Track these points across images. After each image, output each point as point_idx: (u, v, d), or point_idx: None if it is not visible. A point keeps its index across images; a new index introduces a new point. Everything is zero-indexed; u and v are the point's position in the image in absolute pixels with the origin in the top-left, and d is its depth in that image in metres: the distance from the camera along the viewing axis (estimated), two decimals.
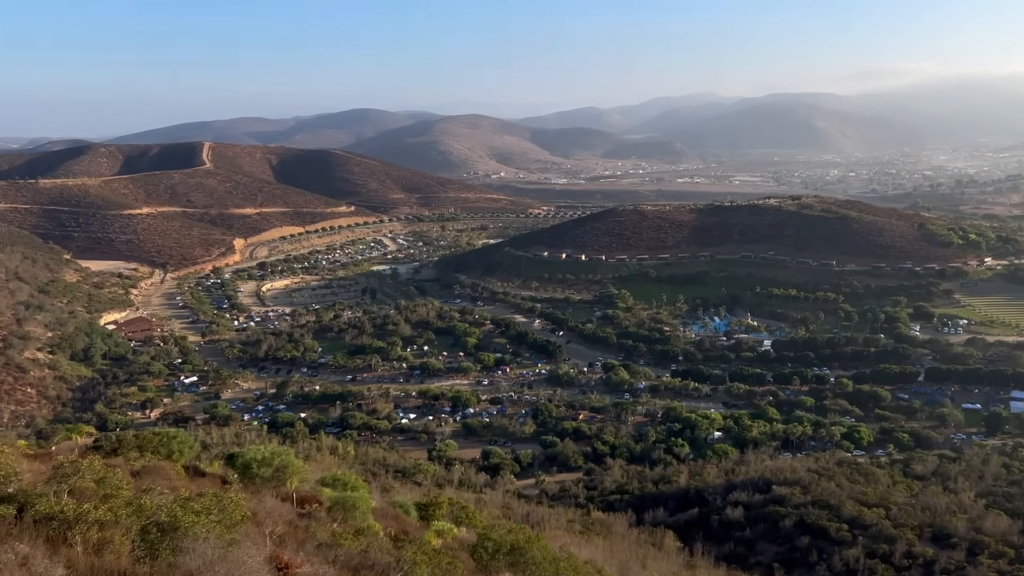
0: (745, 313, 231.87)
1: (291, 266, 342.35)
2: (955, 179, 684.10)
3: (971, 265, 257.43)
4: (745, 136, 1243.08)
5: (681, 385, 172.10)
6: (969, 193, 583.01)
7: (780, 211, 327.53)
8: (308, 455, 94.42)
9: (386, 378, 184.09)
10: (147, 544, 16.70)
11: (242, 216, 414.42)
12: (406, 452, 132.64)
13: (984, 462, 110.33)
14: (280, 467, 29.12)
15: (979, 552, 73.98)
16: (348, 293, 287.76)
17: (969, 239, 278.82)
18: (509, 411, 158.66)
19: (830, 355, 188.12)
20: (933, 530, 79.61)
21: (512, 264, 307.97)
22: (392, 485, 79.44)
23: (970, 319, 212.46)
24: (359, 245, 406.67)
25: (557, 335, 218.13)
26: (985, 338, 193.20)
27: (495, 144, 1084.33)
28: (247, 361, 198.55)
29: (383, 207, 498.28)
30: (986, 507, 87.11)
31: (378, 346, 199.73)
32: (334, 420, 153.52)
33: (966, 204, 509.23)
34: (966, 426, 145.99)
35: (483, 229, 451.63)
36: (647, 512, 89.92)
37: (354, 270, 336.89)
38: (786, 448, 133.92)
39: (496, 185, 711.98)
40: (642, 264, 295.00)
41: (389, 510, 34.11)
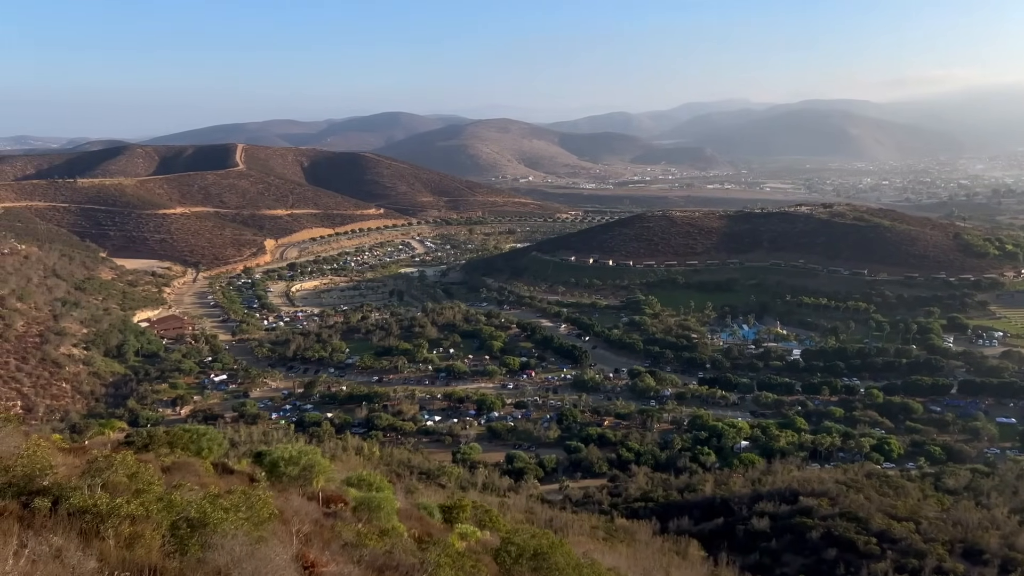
0: (774, 321, 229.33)
1: (320, 267, 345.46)
2: (992, 188, 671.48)
3: (1007, 276, 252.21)
4: (777, 143, 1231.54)
5: (708, 393, 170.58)
6: (1006, 203, 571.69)
7: (811, 219, 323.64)
8: (334, 455, 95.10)
9: (412, 380, 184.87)
10: (177, 539, 16.97)
11: (273, 217, 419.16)
12: (431, 454, 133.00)
13: (1019, 477, 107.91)
14: (307, 466, 29.45)
15: (1012, 569, 72.35)
16: (376, 295, 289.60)
17: (1006, 250, 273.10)
18: (534, 415, 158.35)
19: (860, 365, 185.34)
20: (964, 546, 78.01)
21: (539, 268, 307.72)
22: (416, 487, 79.72)
23: (1006, 331, 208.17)
24: (387, 247, 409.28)
25: (583, 340, 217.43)
26: (1021, 351, 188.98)
27: (524, 148, 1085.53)
28: (276, 360, 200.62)
29: (412, 210, 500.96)
30: (1020, 524, 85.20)
31: (404, 348, 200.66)
32: (360, 421, 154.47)
33: (1003, 214, 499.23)
34: (1000, 440, 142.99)
35: (510, 233, 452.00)
36: (671, 520, 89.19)
37: (382, 272, 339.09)
38: (814, 459, 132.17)
39: (524, 189, 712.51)
40: (670, 270, 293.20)
41: (413, 511, 34.29)
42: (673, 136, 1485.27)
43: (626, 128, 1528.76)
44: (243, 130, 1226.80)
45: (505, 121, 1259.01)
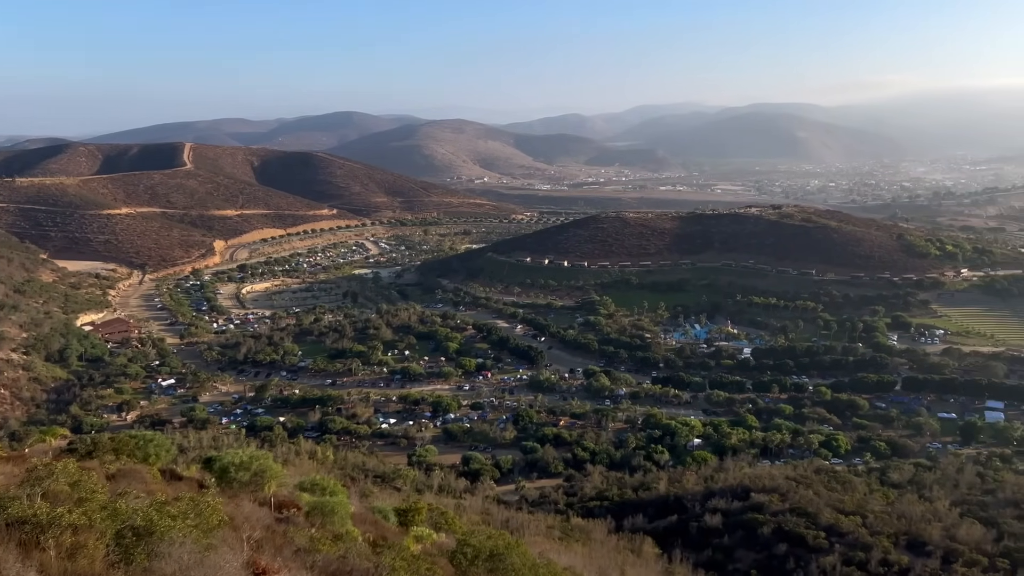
0: (725, 321, 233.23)
1: (272, 269, 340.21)
2: (933, 191, 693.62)
3: (948, 276, 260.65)
4: (727, 145, 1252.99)
5: (661, 392, 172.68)
6: (947, 205, 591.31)
7: (761, 220, 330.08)
8: (287, 459, 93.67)
9: (366, 382, 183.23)
10: (122, 548, 16.49)
11: (223, 218, 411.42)
12: (386, 457, 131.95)
13: (959, 471, 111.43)
14: (258, 471, 28.88)
15: (954, 560, 74.67)
16: (329, 296, 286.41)
17: (946, 250, 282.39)
18: (490, 416, 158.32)
19: (809, 363, 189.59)
20: (908, 538, 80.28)
21: (495, 269, 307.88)
22: (371, 490, 78.98)
23: (946, 329, 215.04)
24: (341, 248, 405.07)
25: (539, 341, 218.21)
26: (961, 348, 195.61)
27: (479, 149, 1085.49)
28: (226, 364, 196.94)
29: (365, 210, 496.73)
30: (961, 516, 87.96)
31: (359, 350, 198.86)
32: (313, 424, 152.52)
33: (943, 216, 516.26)
34: (942, 435, 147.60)
35: (466, 234, 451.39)
36: (626, 519, 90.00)
37: (335, 273, 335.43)
38: (765, 456, 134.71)
39: (479, 190, 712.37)
40: (624, 271, 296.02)
41: (368, 515, 33.92)
42: (626, 138, 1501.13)
43: (580, 130, 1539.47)
44: (191, 129, 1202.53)
45: (460, 122, 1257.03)
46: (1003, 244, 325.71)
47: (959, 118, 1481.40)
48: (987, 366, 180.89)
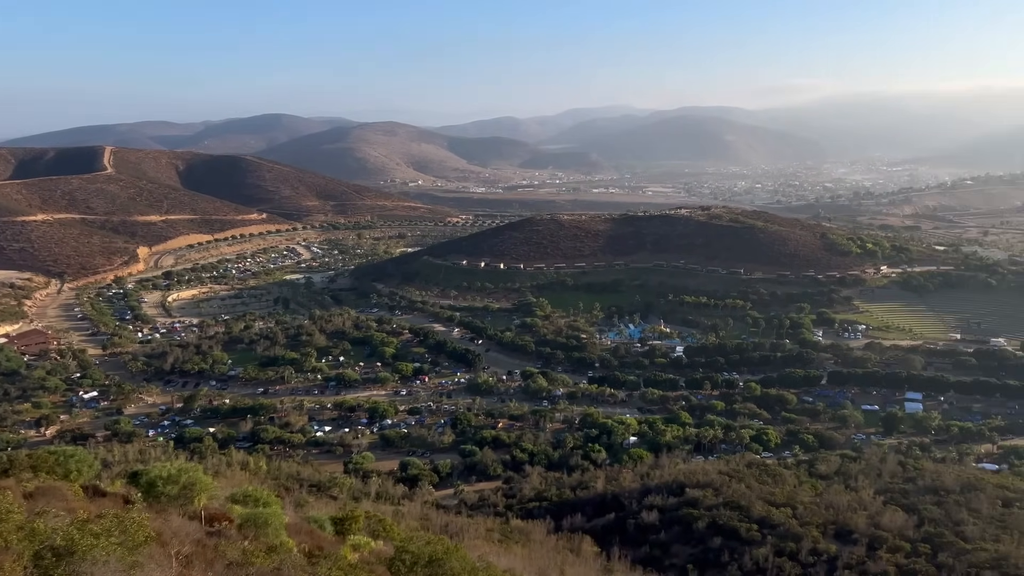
0: (658, 320, 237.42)
1: (199, 275, 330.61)
2: (853, 191, 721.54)
3: (868, 273, 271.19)
4: (658, 148, 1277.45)
5: (598, 391, 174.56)
6: (866, 204, 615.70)
7: (691, 221, 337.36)
8: (218, 471, 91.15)
9: (300, 390, 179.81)
10: (41, 570, 15.72)
11: (146, 224, 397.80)
12: (321, 465, 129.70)
13: (882, 461, 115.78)
14: (187, 484, 27.94)
15: (878, 547, 77.56)
16: (260, 303, 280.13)
17: (867, 248, 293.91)
18: (428, 421, 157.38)
19: (739, 360, 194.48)
20: (836, 527, 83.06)
21: (430, 273, 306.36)
22: (307, 500, 77.39)
23: (868, 324, 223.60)
24: (271, 254, 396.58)
25: (476, 344, 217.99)
26: (882, 343, 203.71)
27: (412, 152, 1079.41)
28: (152, 375, 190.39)
29: (297, 214, 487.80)
30: (884, 504, 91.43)
31: (291, 357, 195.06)
32: (245, 434, 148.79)
33: (863, 215, 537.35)
34: (865, 426, 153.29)
35: (401, 237, 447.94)
36: (565, 518, 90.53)
37: (266, 279, 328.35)
38: (698, 451, 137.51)
39: (414, 193, 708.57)
40: (559, 273, 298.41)
41: (303, 525, 33.20)
42: (560, 141, 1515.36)
43: (514, 133, 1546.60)
44: (112, 132, 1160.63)
45: (393, 124, 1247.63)
46: (919, 242, 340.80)
47: (876, 121, 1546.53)
48: (906, 359, 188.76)
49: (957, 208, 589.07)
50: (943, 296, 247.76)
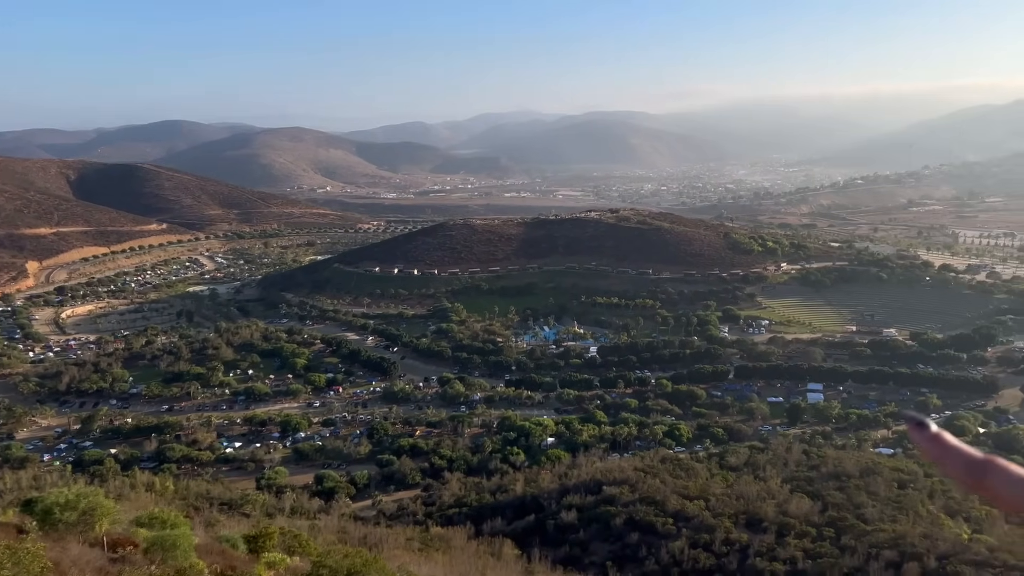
0: (572, 321, 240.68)
1: (95, 290, 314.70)
2: (753, 192, 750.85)
3: (770, 270, 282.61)
4: (567, 152, 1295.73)
5: (515, 394, 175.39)
6: (766, 204, 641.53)
7: (601, 224, 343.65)
8: (121, 494, 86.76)
9: (207, 406, 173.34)
10: None
11: (35, 237, 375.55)
12: (232, 483, 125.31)
13: (788, 450, 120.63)
14: (87, 510, 26.49)
15: (787, 533, 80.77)
16: (162, 317, 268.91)
17: (767, 246, 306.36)
18: (343, 432, 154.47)
19: (650, 358, 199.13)
20: (747, 516, 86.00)
21: (342, 280, 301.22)
22: (218, 519, 74.63)
23: (771, 320, 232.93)
24: (173, 265, 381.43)
25: (391, 351, 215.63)
26: (784, 337, 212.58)
27: (320, 158, 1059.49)
28: (46, 396, 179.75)
29: (199, 224, 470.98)
30: (791, 491, 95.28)
31: (197, 372, 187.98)
32: (150, 454, 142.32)
33: (763, 214, 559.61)
34: (771, 418, 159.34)
35: (310, 245, 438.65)
36: (486, 523, 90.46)
37: (168, 292, 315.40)
38: (614, 449, 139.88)
39: (322, 200, 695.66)
40: (474, 277, 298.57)
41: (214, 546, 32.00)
42: (470, 146, 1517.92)
43: (424, 138, 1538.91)
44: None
45: (298, 130, 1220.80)
46: (815, 239, 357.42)
47: (773, 124, 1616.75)
48: (807, 352, 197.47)
49: (849, 206, 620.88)
50: (839, 290, 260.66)
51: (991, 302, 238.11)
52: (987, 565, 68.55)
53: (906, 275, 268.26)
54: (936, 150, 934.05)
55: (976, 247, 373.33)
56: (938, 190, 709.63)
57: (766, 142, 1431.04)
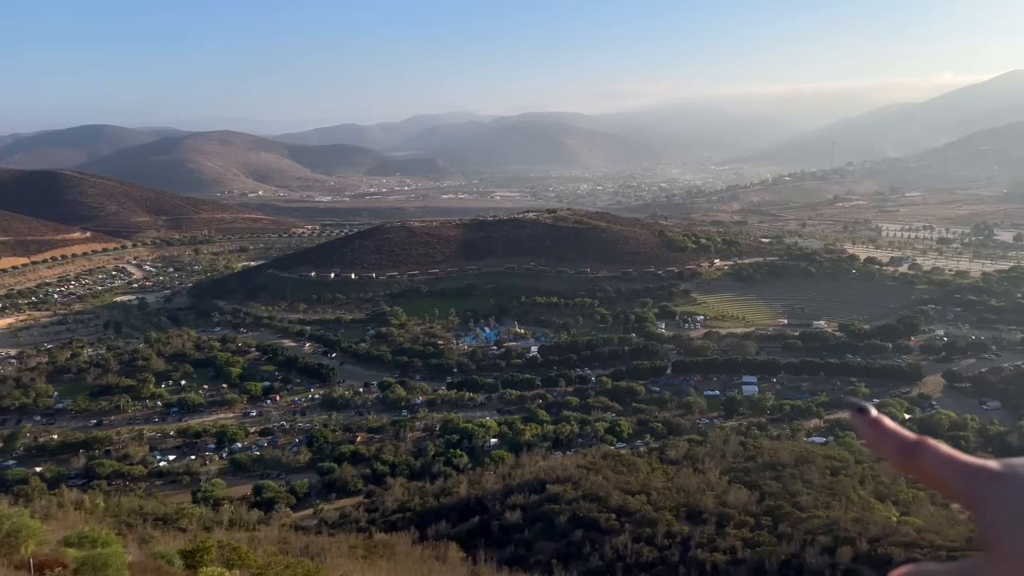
0: (513, 322, 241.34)
1: (15, 302, 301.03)
2: (686, 190, 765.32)
3: (704, 267, 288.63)
4: (503, 153, 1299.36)
5: (457, 397, 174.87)
6: (698, 202, 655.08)
7: (538, 224, 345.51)
8: (48, 513, 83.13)
9: (139, 419, 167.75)
10: None
11: None
12: (167, 497, 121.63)
13: (725, 442, 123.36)
14: (11, 531, 25.33)
15: (726, 523, 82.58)
16: (88, 328, 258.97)
17: (701, 244, 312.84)
18: (281, 441, 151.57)
19: (590, 356, 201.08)
20: (688, 509, 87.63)
21: (277, 286, 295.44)
22: (152, 535, 72.23)
23: (706, 315, 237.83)
24: (98, 274, 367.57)
25: (330, 357, 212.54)
26: (719, 331, 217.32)
27: (251, 161, 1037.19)
28: None
29: (125, 231, 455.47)
30: (729, 483, 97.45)
31: (127, 384, 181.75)
32: (78, 471, 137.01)
33: (696, 212, 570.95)
34: (708, 411, 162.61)
35: (243, 251, 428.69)
36: (430, 527, 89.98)
37: (94, 302, 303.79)
38: (557, 447, 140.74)
39: (255, 204, 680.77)
40: (413, 280, 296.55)
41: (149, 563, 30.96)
42: (405, 148, 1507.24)
43: (358, 140, 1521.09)
44: None
45: (228, 133, 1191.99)
46: (746, 235, 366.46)
47: (703, 123, 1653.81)
48: (741, 345, 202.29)
49: (778, 203, 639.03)
50: (770, 285, 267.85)
51: (913, 293, 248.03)
52: (915, 546, 71.40)
53: (833, 268, 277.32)
54: (858, 147, 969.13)
55: (898, 240, 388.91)
56: (861, 185, 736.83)
57: (697, 142, 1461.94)
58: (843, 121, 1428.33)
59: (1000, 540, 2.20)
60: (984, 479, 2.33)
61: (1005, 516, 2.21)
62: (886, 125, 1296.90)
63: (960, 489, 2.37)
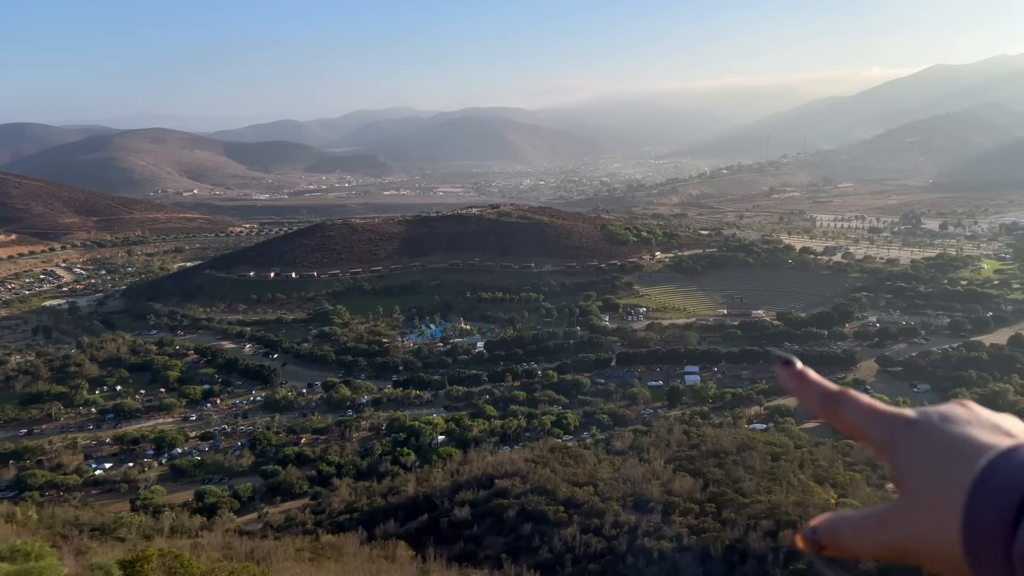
0: (458, 318, 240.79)
1: None
2: (627, 184, 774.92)
3: (645, 259, 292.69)
4: (445, 148, 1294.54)
5: (403, 395, 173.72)
6: (639, 196, 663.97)
7: (482, 219, 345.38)
8: None
9: (72, 427, 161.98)
10: None
11: None
12: (105, 506, 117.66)
13: (669, 432, 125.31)
14: None
15: (672, 512, 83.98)
16: (15, 335, 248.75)
17: (642, 236, 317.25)
18: (223, 445, 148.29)
19: (536, 350, 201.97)
20: (634, 498, 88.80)
21: (215, 287, 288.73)
22: (89, 546, 69.81)
23: (648, 307, 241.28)
24: (25, 279, 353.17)
25: (271, 358, 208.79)
26: (661, 323, 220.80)
27: (185, 160, 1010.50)
28: None
29: (53, 233, 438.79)
30: (674, 471, 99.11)
31: (59, 391, 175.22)
32: (8, 482, 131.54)
33: (637, 206, 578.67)
34: (652, 401, 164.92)
35: (178, 252, 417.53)
36: (378, 526, 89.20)
37: (21, 308, 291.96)
38: (505, 442, 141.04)
39: (190, 203, 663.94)
40: (356, 278, 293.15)
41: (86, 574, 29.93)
42: (345, 144, 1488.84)
43: (296, 137, 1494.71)
44: None
45: (160, 131, 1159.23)
46: (686, 228, 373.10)
47: (642, 118, 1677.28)
48: (683, 336, 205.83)
49: (716, 195, 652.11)
50: (710, 276, 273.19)
51: (847, 281, 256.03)
52: None
53: (770, 258, 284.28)
54: (792, 140, 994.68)
55: (832, 230, 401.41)
56: (796, 177, 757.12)
57: (636, 136, 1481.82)
58: (777, 115, 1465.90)
59: (912, 484, 2.29)
60: (900, 426, 2.42)
61: (918, 460, 2.29)
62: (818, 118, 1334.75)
63: (878, 437, 2.45)
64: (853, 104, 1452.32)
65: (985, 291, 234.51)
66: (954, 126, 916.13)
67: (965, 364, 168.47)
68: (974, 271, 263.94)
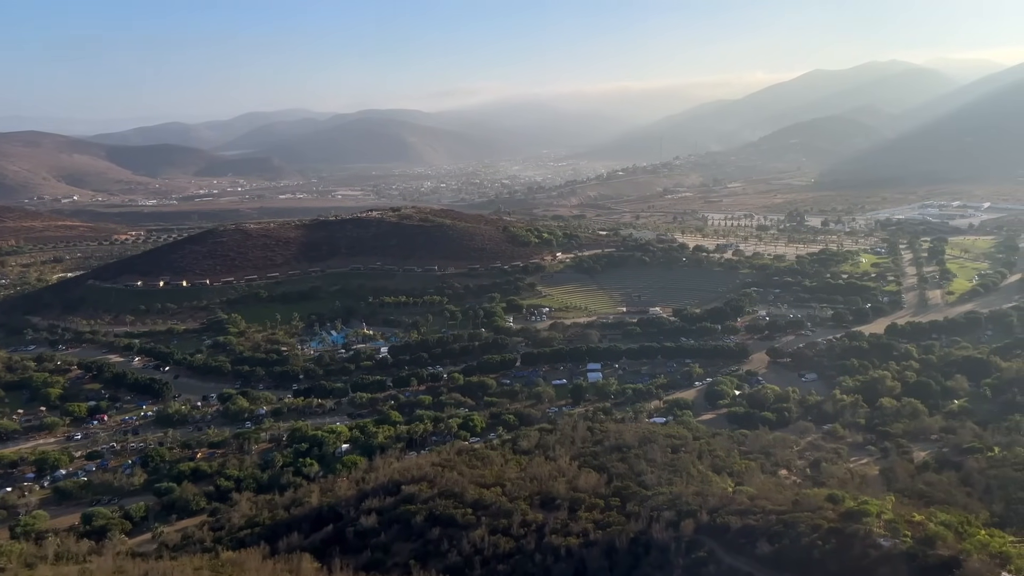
0: (361, 324, 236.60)
1: None
2: (527, 186, 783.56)
3: (547, 260, 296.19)
4: (343, 151, 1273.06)
5: (304, 404, 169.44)
6: (539, 198, 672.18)
7: (383, 223, 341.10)
8: None
9: None
10: None
11: None
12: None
13: (574, 428, 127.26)
14: None
15: (578, 508, 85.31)
16: None
17: (543, 238, 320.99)
18: (112, 464, 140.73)
19: (442, 353, 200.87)
20: (541, 497, 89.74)
21: (99, 298, 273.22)
22: None
23: (551, 307, 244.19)
24: None
25: (163, 371, 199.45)
26: (564, 322, 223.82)
27: (64, 164, 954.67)
28: None
29: None
30: (579, 467, 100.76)
31: None
32: None
33: (538, 207, 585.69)
34: (557, 400, 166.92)
35: (57, 261, 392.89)
36: (281, 540, 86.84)
37: None
38: (411, 447, 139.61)
39: (69, 211, 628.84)
40: (251, 285, 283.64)
41: None
42: (237, 147, 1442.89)
43: (185, 139, 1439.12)
44: None
45: (35, 134, 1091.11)
46: (586, 229, 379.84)
47: (539, 121, 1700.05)
48: (585, 334, 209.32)
49: (614, 196, 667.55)
50: (609, 275, 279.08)
51: (738, 277, 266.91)
52: (750, 512, 76.90)
53: (666, 257, 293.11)
54: (683, 141, 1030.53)
55: (723, 228, 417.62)
56: (688, 178, 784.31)
57: (535, 138, 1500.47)
58: (669, 117, 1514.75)
59: None
60: None
61: None
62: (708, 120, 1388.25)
63: None
64: (740, 107, 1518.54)
65: (864, 284, 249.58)
66: (832, 128, 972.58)
67: (848, 353, 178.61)
68: (853, 265, 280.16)
